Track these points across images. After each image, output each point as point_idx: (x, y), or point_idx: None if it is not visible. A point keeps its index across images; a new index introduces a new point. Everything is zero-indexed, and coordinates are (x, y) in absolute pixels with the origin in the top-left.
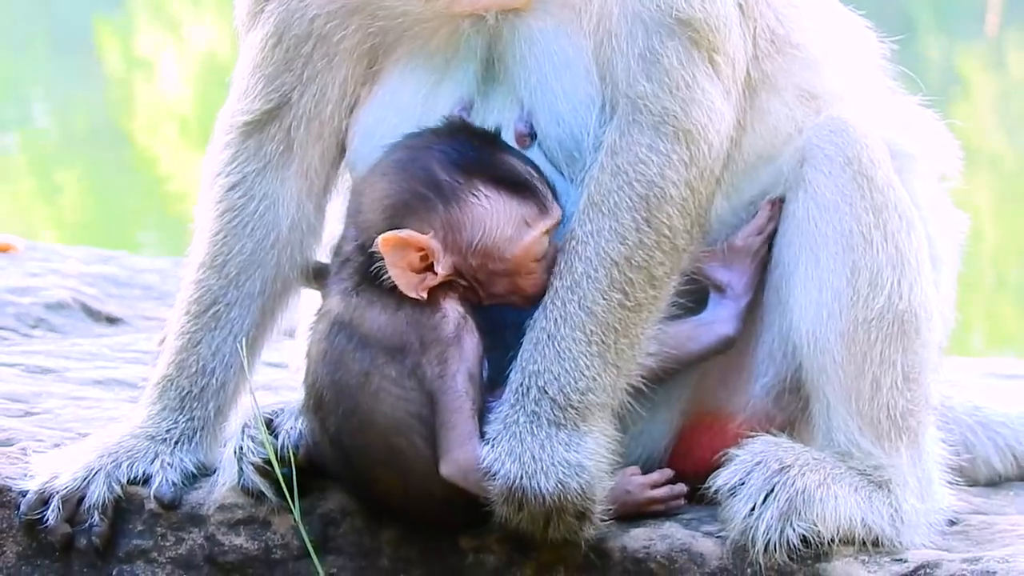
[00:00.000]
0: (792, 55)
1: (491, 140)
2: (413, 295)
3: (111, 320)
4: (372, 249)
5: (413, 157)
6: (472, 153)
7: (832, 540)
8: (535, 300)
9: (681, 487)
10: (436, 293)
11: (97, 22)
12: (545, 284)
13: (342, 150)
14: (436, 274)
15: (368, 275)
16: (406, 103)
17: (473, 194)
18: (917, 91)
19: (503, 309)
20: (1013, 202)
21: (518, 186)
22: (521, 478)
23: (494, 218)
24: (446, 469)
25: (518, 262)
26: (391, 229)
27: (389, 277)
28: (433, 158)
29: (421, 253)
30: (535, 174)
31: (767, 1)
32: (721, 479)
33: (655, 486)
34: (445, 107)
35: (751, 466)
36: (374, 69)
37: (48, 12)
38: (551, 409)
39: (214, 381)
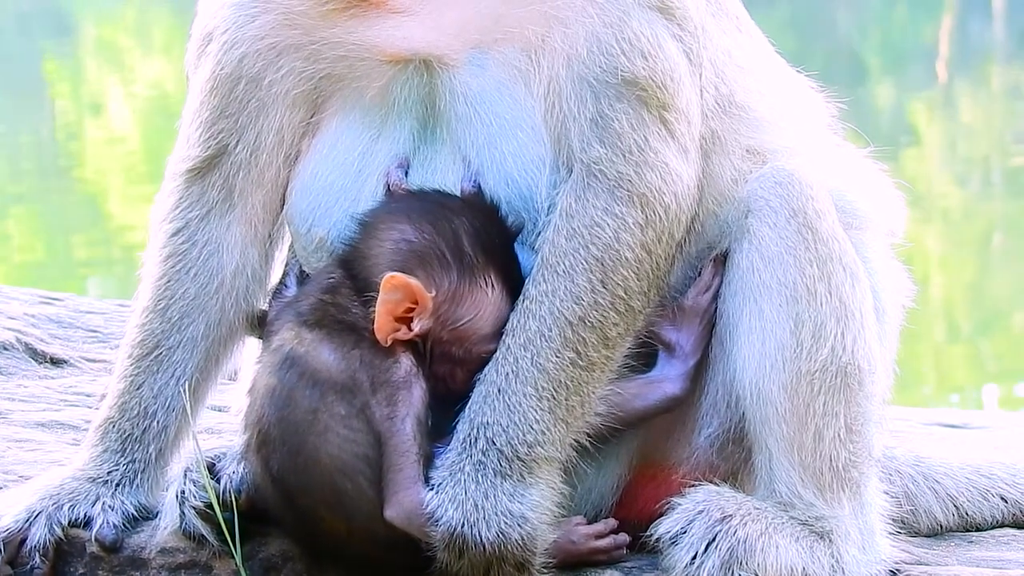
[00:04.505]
0: (737, 116)
1: (511, 238)
2: (380, 339)
3: (55, 362)
4: (371, 278)
5: (444, 216)
6: (496, 240)
7: None
8: (457, 396)
9: (624, 537)
10: (395, 344)
11: (47, 62)
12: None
13: (284, 199)
14: (411, 330)
15: (331, 308)
16: (343, 159)
17: (485, 279)
18: (867, 144)
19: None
20: (962, 249)
21: (516, 293)
22: (463, 525)
23: (487, 311)
24: (391, 512)
25: (473, 359)
26: (399, 270)
27: (354, 312)
28: (463, 227)
29: (413, 306)
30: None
31: (709, 58)
32: (663, 527)
33: (599, 536)
34: (382, 164)
35: (693, 515)
36: (313, 121)
37: None
38: (498, 460)
39: (155, 424)
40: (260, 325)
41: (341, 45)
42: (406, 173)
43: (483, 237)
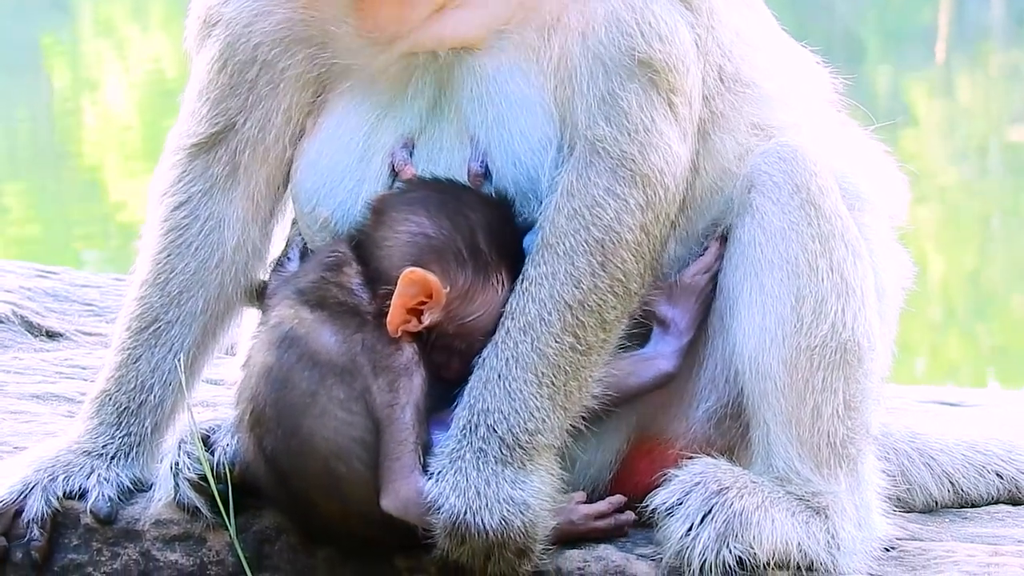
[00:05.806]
0: (743, 93)
1: (521, 234)
2: (391, 330)
3: (51, 335)
4: (384, 269)
5: (462, 211)
6: (508, 237)
7: (768, 563)
8: (452, 382)
9: (628, 516)
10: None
11: (44, 40)
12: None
13: (288, 176)
14: (421, 323)
15: (333, 287)
16: (348, 137)
17: (496, 277)
18: (867, 123)
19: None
20: (959, 229)
21: None
22: (465, 513)
23: (494, 308)
24: (387, 501)
25: (472, 351)
26: (416, 264)
27: (358, 293)
28: (479, 224)
29: (426, 299)
30: None
31: (716, 39)
32: (659, 498)
33: (600, 516)
34: (387, 143)
35: (690, 486)
36: (320, 99)
37: None
38: (499, 447)
39: (152, 397)
40: (259, 297)
41: (363, 42)
42: (410, 154)
43: (497, 234)
